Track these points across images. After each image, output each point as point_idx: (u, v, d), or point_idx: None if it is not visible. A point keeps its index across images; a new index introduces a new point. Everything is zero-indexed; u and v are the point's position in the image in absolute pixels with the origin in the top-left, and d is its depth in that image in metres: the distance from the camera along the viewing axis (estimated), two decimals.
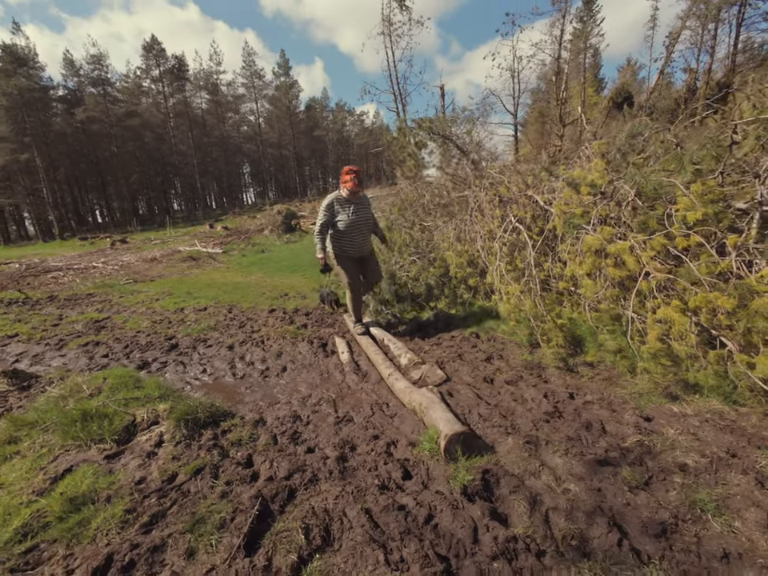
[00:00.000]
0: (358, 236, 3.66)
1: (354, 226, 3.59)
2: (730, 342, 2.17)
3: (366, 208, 3.68)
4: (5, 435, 2.49)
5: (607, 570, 1.31)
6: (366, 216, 3.67)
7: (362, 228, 3.67)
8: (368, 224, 3.72)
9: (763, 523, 1.43)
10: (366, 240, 3.74)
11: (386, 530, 1.55)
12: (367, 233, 3.75)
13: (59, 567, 1.50)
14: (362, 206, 3.66)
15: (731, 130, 2.29)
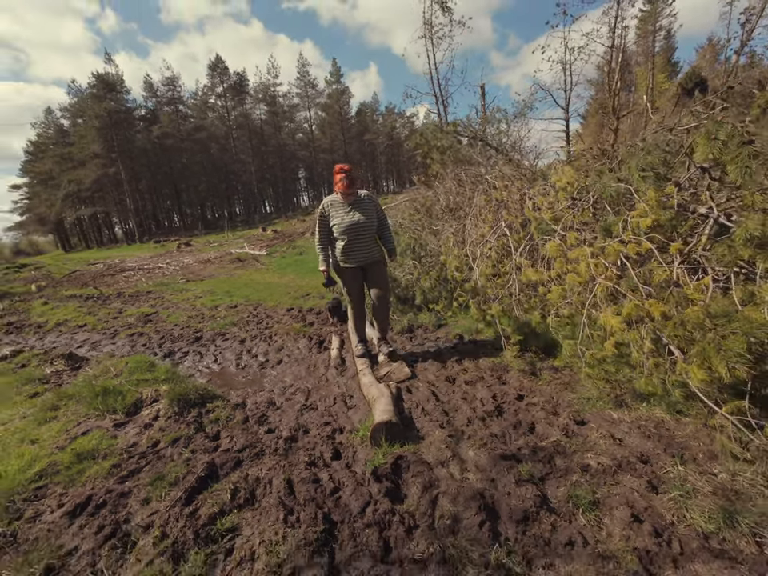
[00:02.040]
0: (356, 242, 3.14)
1: (349, 230, 3.09)
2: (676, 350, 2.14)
3: (367, 210, 3.15)
4: (49, 403, 3.13)
5: (461, 544, 1.47)
6: (367, 219, 3.12)
7: (361, 232, 3.13)
8: (368, 228, 3.15)
9: (627, 521, 1.49)
10: (367, 246, 3.19)
11: (297, 497, 1.82)
12: (369, 238, 3.18)
13: (54, 501, 1.98)
14: (363, 207, 3.14)
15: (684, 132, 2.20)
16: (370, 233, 3.20)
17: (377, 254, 3.29)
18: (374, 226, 3.20)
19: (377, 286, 3.34)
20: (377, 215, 3.24)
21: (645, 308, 2.07)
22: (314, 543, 1.52)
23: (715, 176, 2.13)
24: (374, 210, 3.21)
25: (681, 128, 2.76)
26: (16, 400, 3.35)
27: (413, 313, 4.72)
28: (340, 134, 43.86)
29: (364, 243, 3.19)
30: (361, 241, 3.17)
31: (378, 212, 3.27)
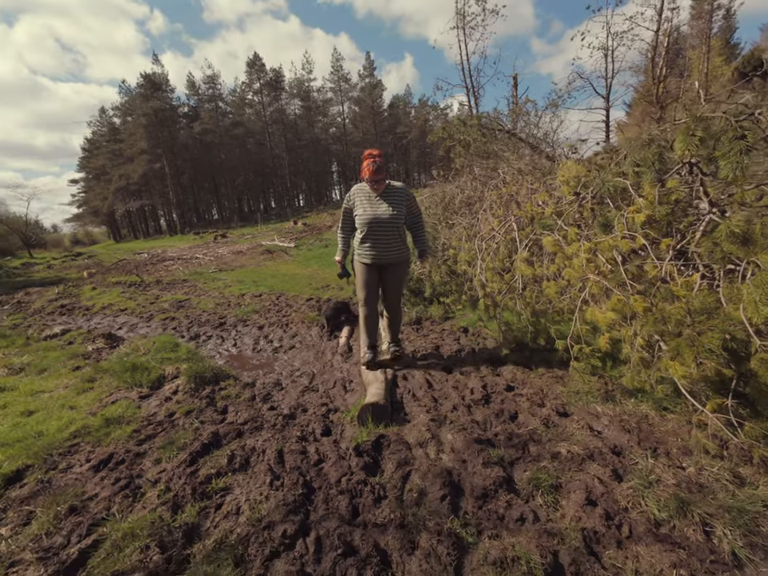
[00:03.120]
0: (377, 237, 2.83)
1: (372, 223, 2.80)
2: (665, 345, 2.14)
3: (396, 203, 2.82)
4: (88, 376, 3.53)
5: (421, 514, 1.60)
6: (394, 213, 2.79)
7: (384, 227, 2.80)
8: (394, 223, 2.81)
9: (582, 504, 1.56)
10: (389, 244, 2.85)
11: (285, 465, 2.02)
12: (393, 235, 2.84)
13: (83, 456, 2.29)
14: (391, 199, 2.82)
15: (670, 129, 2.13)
16: (395, 229, 2.84)
17: (401, 254, 2.93)
18: (400, 221, 2.84)
19: (389, 289, 3.05)
20: (408, 210, 2.91)
21: (629, 304, 2.08)
22: (292, 504, 1.70)
23: (707, 171, 2.08)
24: (403, 204, 2.86)
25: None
26: (62, 372, 3.78)
27: (423, 305, 4.81)
28: (372, 128, 43.95)
29: (386, 240, 2.84)
30: (383, 236, 2.83)
31: (411, 207, 2.93)
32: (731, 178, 1.87)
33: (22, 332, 5.58)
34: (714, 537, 1.39)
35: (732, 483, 1.61)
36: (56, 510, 1.81)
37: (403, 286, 3.16)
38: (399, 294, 3.13)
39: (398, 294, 3.11)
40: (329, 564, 1.41)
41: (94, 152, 43.37)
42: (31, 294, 9.82)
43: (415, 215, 3.00)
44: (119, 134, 41.41)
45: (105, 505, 1.84)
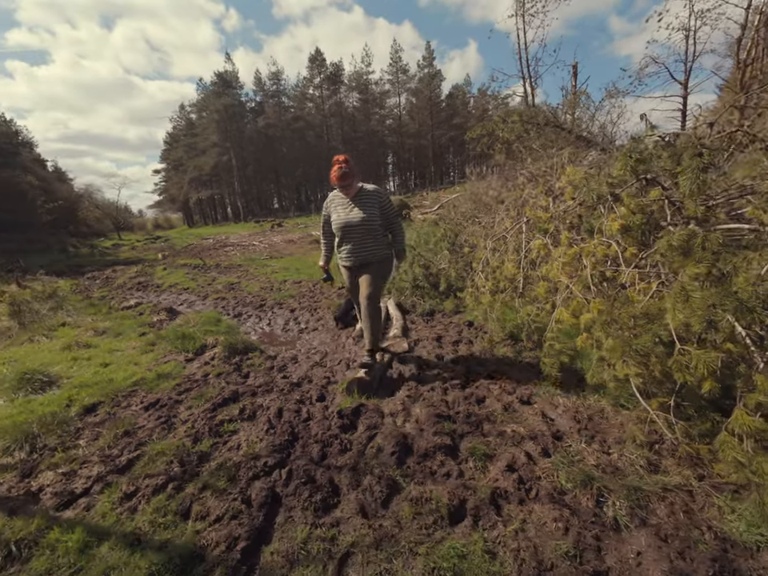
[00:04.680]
0: (350, 241, 2.97)
1: (345, 227, 2.92)
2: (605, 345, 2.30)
3: (367, 206, 2.90)
4: (150, 341, 4.34)
5: (371, 463, 2.00)
6: (364, 216, 2.87)
7: (358, 231, 2.91)
8: (366, 226, 2.90)
9: (502, 469, 1.85)
10: (363, 246, 2.96)
11: (281, 419, 2.51)
12: (366, 237, 2.94)
13: (138, 399, 2.97)
14: (363, 203, 2.90)
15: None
16: (368, 231, 2.93)
17: (376, 253, 3.00)
18: (373, 224, 2.92)
19: (361, 286, 3.02)
20: (381, 212, 2.96)
21: (588, 306, 2.27)
22: (278, 446, 2.19)
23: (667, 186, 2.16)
24: (375, 207, 2.92)
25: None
26: (131, 336, 4.66)
27: (439, 299, 5.10)
28: (428, 119, 43.62)
29: (359, 242, 2.95)
30: (356, 239, 2.95)
31: (385, 208, 2.98)
32: (688, 192, 1.99)
33: (107, 302, 6.76)
34: (604, 506, 1.63)
35: (644, 469, 1.80)
36: (115, 432, 2.46)
37: (376, 283, 2.99)
38: (371, 291, 2.95)
39: (368, 292, 2.95)
40: (292, 487, 1.86)
41: (174, 145, 47.87)
42: (117, 271, 11.50)
43: (390, 216, 3.03)
44: (195, 128, 45.27)
45: (148, 432, 2.46)
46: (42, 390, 3.20)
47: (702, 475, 1.76)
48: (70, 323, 5.40)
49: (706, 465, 1.81)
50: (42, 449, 2.36)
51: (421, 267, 5.44)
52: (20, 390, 3.17)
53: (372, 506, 1.72)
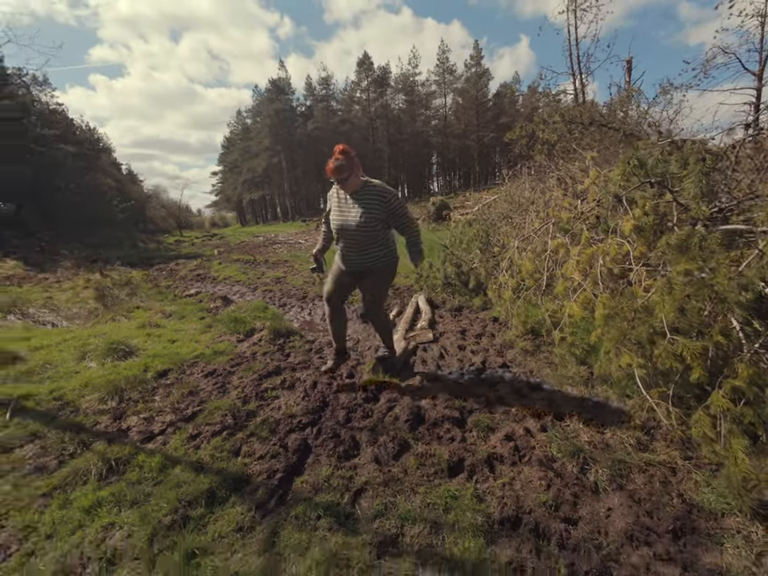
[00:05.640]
0: (348, 245, 2.66)
1: (341, 230, 2.63)
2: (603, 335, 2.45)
3: (368, 207, 2.54)
4: (208, 323, 4.97)
5: (387, 428, 2.32)
6: (364, 219, 2.53)
7: (355, 235, 2.59)
8: (364, 230, 2.55)
9: (501, 438, 2.11)
10: (362, 252, 2.65)
11: (315, 390, 2.91)
12: (365, 242, 2.61)
13: (199, 368, 3.52)
14: (364, 203, 2.54)
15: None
16: (367, 235, 2.57)
17: (377, 261, 2.69)
18: (372, 227, 2.56)
19: (364, 296, 2.92)
20: (390, 213, 2.60)
21: (594, 300, 2.44)
22: (311, 410, 2.58)
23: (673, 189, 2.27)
24: (376, 208, 2.54)
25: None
26: (193, 319, 5.34)
27: (468, 296, 5.32)
28: (474, 119, 43.08)
29: (358, 247, 2.62)
30: (354, 244, 2.62)
31: (392, 209, 2.59)
32: (693, 194, 2.13)
33: (172, 291, 7.65)
34: (588, 473, 1.84)
35: (633, 447, 1.98)
36: (182, 391, 2.99)
37: (381, 291, 2.85)
38: (376, 300, 2.84)
39: (373, 301, 2.84)
40: (321, 440, 2.24)
41: (230, 148, 51.16)
42: (179, 264, 12.75)
43: (399, 216, 2.65)
44: (249, 132, 48.06)
45: (207, 393, 2.96)
46: (124, 358, 3.86)
47: (690, 456, 1.91)
48: (143, 307, 6.24)
49: (696, 449, 1.94)
50: (128, 400, 2.94)
51: (453, 266, 5.68)
52: (108, 356, 3.85)
53: (384, 458, 2.05)
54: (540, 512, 1.63)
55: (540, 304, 3.68)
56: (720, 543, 1.44)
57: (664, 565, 1.38)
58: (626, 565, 1.38)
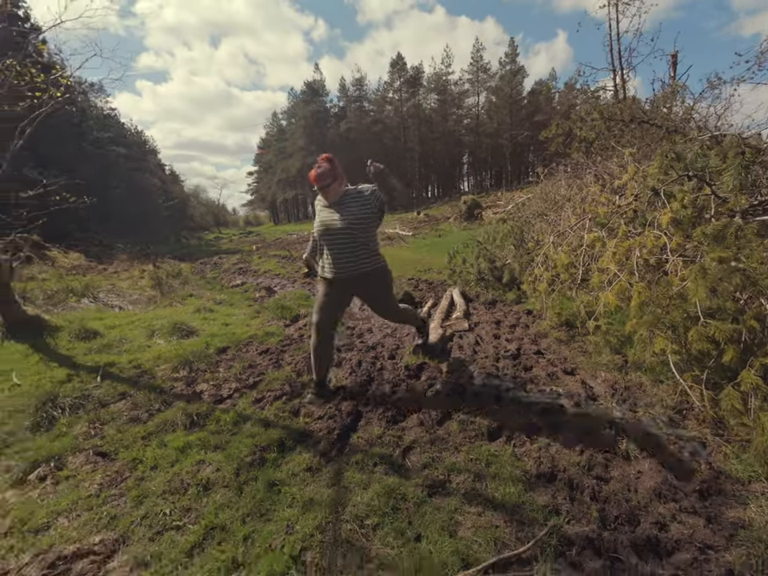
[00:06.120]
0: (333, 251, 2.51)
1: (325, 236, 2.51)
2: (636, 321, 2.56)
3: (350, 210, 2.45)
4: (256, 310, 5.38)
5: (429, 401, 2.55)
6: (345, 223, 2.42)
7: (340, 241, 2.46)
8: (351, 236, 2.44)
9: (538, 411, 2.29)
10: (347, 259, 2.49)
11: (360, 367, 3.19)
12: (352, 248, 2.47)
13: (254, 348, 3.88)
14: (346, 207, 2.46)
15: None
16: (350, 240, 2.45)
17: (366, 266, 2.52)
18: (355, 231, 2.43)
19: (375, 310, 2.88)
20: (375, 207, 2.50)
21: (629, 289, 2.57)
22: (359, 383, 2.85)
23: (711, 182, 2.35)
24: (365, 205, 2.46)
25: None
26: (242, 306, 5.78)
27: (502, 290, 5.45)
28: (507, 117, 42.36)
29: (345, 254, 2.48)
30: (337, 249, 2.49)
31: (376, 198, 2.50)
32: (731, 187, 2.23)
33: (219, 282, 8.21)
34: (619, 443, 2.00)
35: (665, 424, 2.11)
36: (243, 365, 3.35)
37: (388, 298, 2.77)
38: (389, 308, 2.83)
39: (387, 310, 2.86)
40: (370, 407, 2.51)
41: (266, 149, 52.87)
42: (222, 258, 13.51)
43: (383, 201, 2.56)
44: (285, 134, 49.51)
45: (264, 367, 3.30)
46: (186, 336, 4.30)
47: (720, 434, 2.02)
48: (195, 295, 6.78)
49: (728, 428, 2.05)
50: (196, 371, 3.32)
51: (486, 261, 5.82)
52: (173, 335, 4.30)
53: (429, 423, 2.29)
54: (574, 470, 1.81)
55: (574, 297, 3.79)
56: (744, 503, 1.57)
57: (689, 516, 1.53)
58: (653, 513, 1.55)
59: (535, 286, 3.90)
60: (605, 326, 2.88)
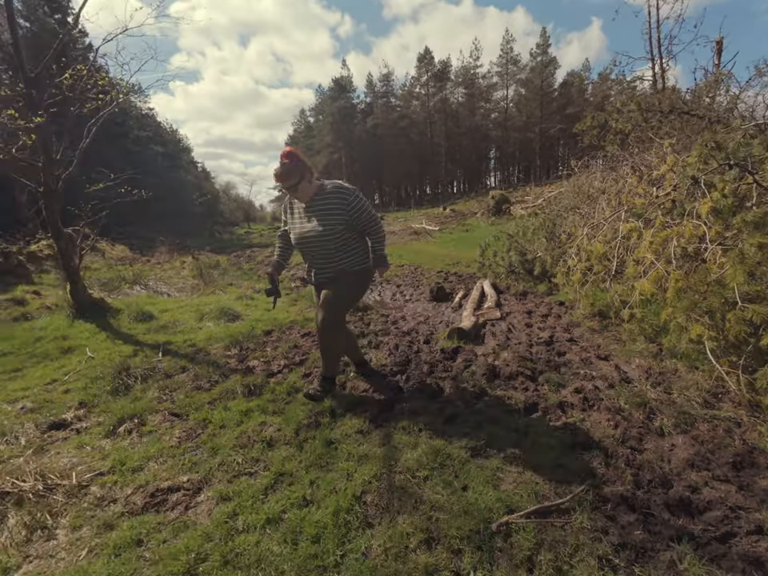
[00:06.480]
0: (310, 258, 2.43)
1: (299, 242, 2.39)
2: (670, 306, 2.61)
3: (329, 214, 2.25)
4: (294, 298, 5.66)
5: (465, 378, 2.71)
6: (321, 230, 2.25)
7: (312, 245, 2.33)
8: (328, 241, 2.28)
9: (571, 392, 2.40)
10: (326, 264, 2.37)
11: (398, 349, 3.37)
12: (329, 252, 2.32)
13: (295, 331, 4.14)
14: (319, 211, 2.27)
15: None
16: (332, 245, 2.29)
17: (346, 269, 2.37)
18: (336, 235, 2.26)
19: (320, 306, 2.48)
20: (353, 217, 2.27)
21: (665, 276, 2.62)
22: (397, 363, 3.04)
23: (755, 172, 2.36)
24: (338, 212, 2.24)
25: None
26: None
27: (533, 283, 5.50)
28: (537, 110, 41.31)
29: (322, 258, 2.36)
30: (316, 255, 2.37)
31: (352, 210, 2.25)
32: None
33: (255, 273, 8.61)
34: (653, 420, 2.09)
35: (700, 405, 2.18)
36: (288, 345, 3.61)
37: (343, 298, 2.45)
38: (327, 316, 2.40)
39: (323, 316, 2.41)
40: (410, 384, 2.69)
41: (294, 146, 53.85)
42: (254, 251, 14.04)
43: (362, 217, 2.31)
44: (312, 130, 50.23)
45: (307, 348, 3.54)
46: (233, 320, 4.62)
47: (756, 416, 2.08)
48: (234, 284, 7.17)
49: (764, 411, 2.10)
50: (246, 349, 3.61)
51: (517, 254, 5.87)
52: (220, 318, 4.63)
53: (467, 398, 2.44)
54: (608, 441, 1.93)
55: (608, 288, 3.83)
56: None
57: (721, 483, 1.63)
58: (686, 479, 1.65)
59: (569, 276, 3.95)
60: (640, 314, 2.94)
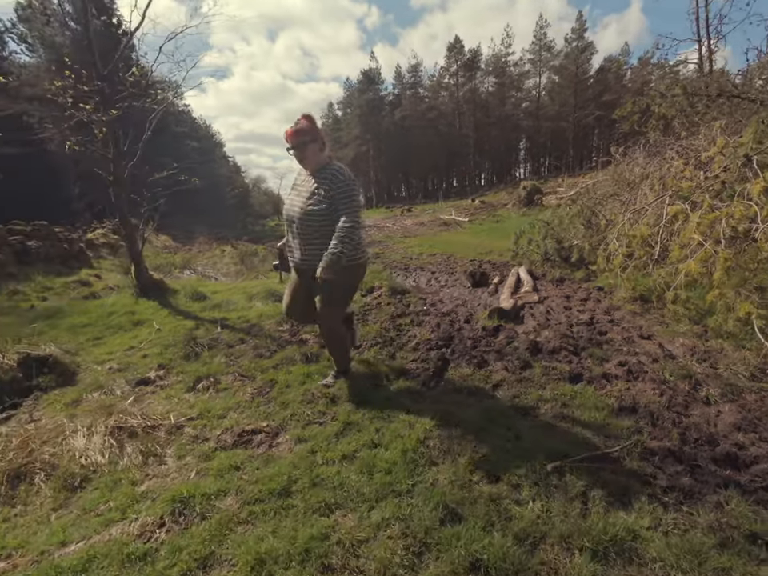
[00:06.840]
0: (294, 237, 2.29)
1: (287, 220, 2.30)
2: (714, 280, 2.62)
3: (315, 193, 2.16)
4: None
5: (509, 353, 2.84)
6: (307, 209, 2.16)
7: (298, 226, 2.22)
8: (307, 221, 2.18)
9: (616, 364, 2.49)
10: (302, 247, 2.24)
11: (440, 327, 3.53)
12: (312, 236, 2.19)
13: None
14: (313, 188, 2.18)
15: None
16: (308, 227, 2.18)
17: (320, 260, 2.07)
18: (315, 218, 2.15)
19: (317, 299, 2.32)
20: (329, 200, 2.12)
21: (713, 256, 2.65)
22: (442, 338, 3.20)
23: None
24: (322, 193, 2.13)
25: None
26: None
27: (570, 270, 5.50)
28: (571, 98, 39.81)
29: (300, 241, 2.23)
30: (298, 236, 2.24)
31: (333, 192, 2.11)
32: None
33: None
34: (699, 390, 2.17)
35: (746, 378, 2.23)
36: None
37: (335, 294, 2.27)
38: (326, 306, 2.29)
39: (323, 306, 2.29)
40: (456, 356, 2.85)
41: None
42: None
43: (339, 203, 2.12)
44: (340, 123, 50.55)
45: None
46: (279, 301, 4.88)
47: None
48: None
49: None
50: (296, 325, 3.87)
51: (553, 241, 5.87)
52: (268, 299, 4.94)
53: (512, 368, 2.59)
54: (654, 406, 2.03)
55: (651, 273, 3.82)
56: None
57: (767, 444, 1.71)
58: (732, 439, 1.74)
59: (609, 260, 3.98)
60: (684, 295, 2.97)
